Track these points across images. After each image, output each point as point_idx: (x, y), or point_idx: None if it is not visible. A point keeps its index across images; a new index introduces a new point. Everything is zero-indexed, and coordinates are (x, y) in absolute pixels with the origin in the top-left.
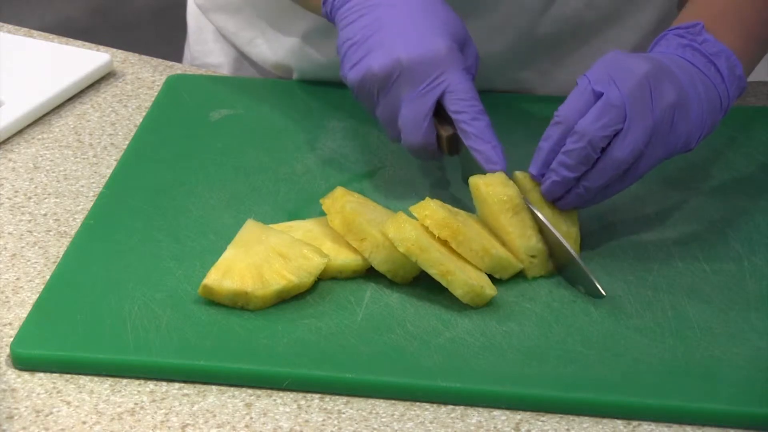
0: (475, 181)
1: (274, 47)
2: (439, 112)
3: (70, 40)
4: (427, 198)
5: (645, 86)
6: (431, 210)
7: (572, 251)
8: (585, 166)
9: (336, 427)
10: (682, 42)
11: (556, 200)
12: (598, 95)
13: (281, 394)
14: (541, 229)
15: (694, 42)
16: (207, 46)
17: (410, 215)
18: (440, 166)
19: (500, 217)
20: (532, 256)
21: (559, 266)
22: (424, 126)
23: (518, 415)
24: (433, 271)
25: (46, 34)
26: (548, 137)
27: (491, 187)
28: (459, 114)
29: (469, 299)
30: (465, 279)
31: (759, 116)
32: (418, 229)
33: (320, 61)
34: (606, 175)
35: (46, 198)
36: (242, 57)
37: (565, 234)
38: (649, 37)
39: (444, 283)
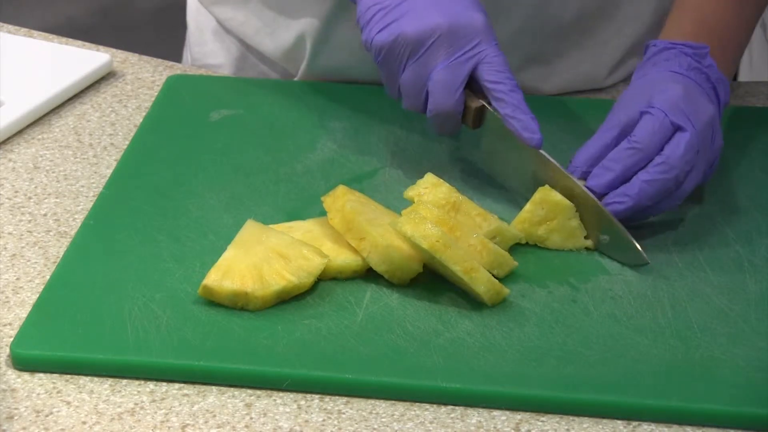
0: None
1: (282, 36)
2: (468, 84)
3: (70, 40)
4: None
5: (709, 128)
6: (427, 209)
7: (611, 217)
8: (663, 197)
9: (336, 427)
10: (692, 63)
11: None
12: (676, 127)
13: (281, 394)
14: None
15: (701, 65)
16: (207, 47)
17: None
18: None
19: (447, 219)
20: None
21: (597, 238)
22: (458, 93)
23: (518, 415)
24: (457, 268)
25: (46, 34)
26: (619, 159)
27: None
28: (497, 84)
29: (489, 297)
30: (488, 276)
31: (759, 116)
32: (438, 226)
33: (328, 48)
34: (671, 203)
35: (46, 198)
36: (246, 53)
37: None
38: (648, 30)
39: (467, 280)
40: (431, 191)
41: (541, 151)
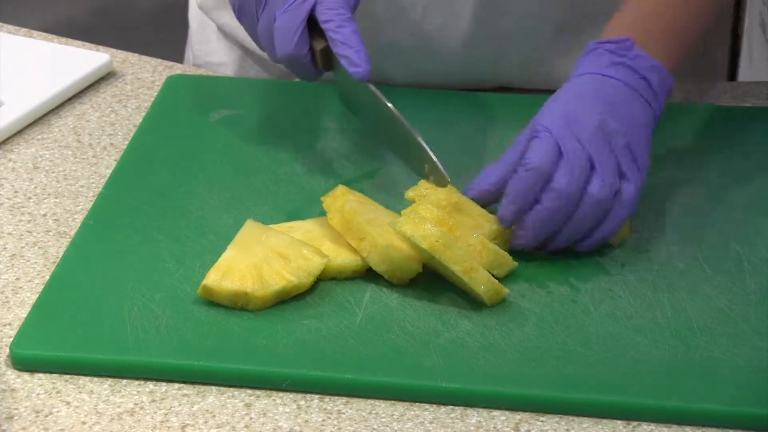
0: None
1: None
2: (315, 27)
3: (70, 40)
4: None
5: (599, 131)
6: (427, 209)
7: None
8: (558, 224)
9: (336, 427)
10: (614, 59)
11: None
12: (559, 147)
13: (281, 394)
14: None
15: (625, 58)
16: (210, 45)
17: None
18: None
19: (450, 221)
20: (494, 238)
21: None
22: (296, 37)
23: (518, 415)
24: (456, 268)
25: (46, 34)
26: (517, 186)
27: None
28: (327, 23)
29: (489, 297)
30: (488, 276)
31: (759, 116)
32: (438, 226)
33: None
34: (588, 221)
35: (45, 198)
36: (246, 54)
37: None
38: None
39: (467, 280)
40: (431, 191)
41: (369, 84)
